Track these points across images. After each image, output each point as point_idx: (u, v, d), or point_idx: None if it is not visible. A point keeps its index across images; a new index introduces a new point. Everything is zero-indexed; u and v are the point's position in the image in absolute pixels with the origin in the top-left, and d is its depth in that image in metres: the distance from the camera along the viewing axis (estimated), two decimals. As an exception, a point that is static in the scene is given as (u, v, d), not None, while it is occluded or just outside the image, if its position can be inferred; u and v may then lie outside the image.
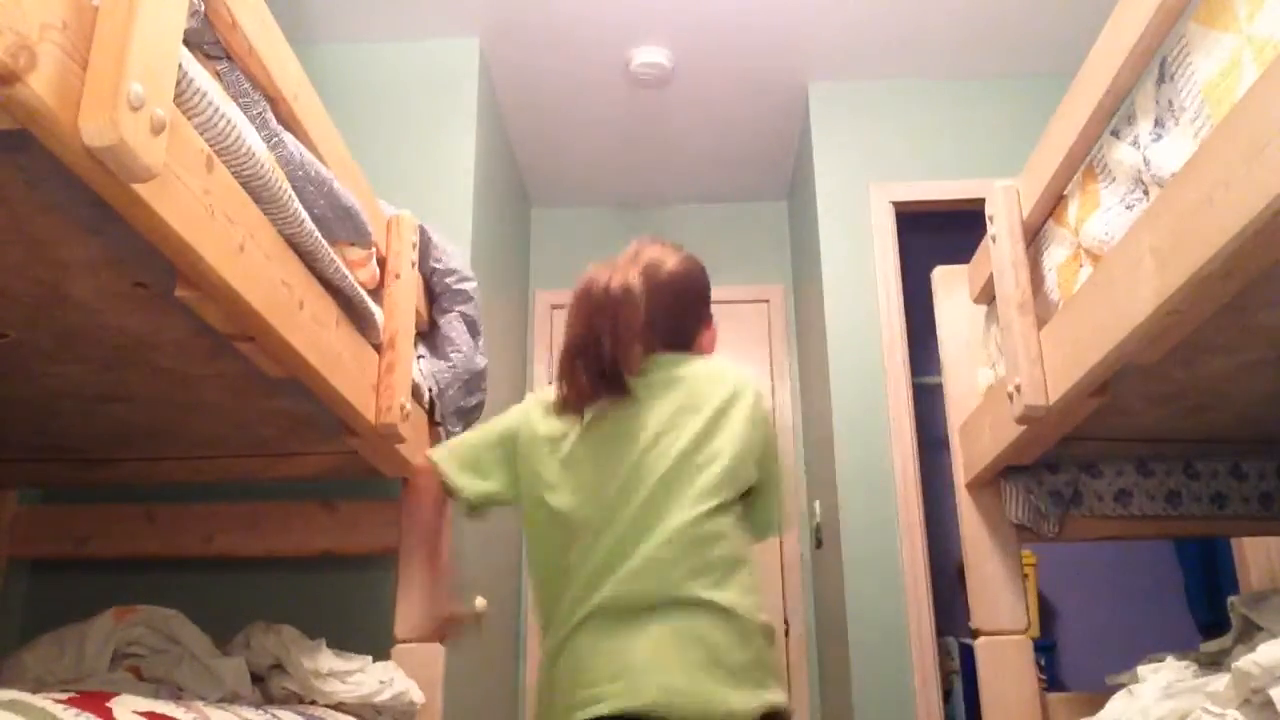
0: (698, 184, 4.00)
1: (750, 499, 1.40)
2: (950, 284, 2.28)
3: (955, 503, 2.19)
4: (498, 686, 3.19)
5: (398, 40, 3.11)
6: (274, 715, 1.54)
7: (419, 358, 2.02)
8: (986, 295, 2.03)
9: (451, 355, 2.10)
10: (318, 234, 1.44)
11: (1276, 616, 1.59)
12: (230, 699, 1.65)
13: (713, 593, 1.22)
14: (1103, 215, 1.49)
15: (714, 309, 1.57)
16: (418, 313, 1.99)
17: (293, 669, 1.78)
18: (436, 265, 2.09)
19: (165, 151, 0.96)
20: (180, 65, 1.03)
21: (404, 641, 2.09)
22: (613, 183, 4.00)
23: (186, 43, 1.08)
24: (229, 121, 1.15)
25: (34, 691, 1.11)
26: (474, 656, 2.81)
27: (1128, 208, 1.42)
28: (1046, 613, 3.84)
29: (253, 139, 1.23)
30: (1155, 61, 1.33)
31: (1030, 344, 1.69)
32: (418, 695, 1.96)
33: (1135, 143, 1.39)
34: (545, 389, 1.45)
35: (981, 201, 1.89)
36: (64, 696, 1.10)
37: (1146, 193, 1.36)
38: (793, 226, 3.94)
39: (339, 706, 1.81)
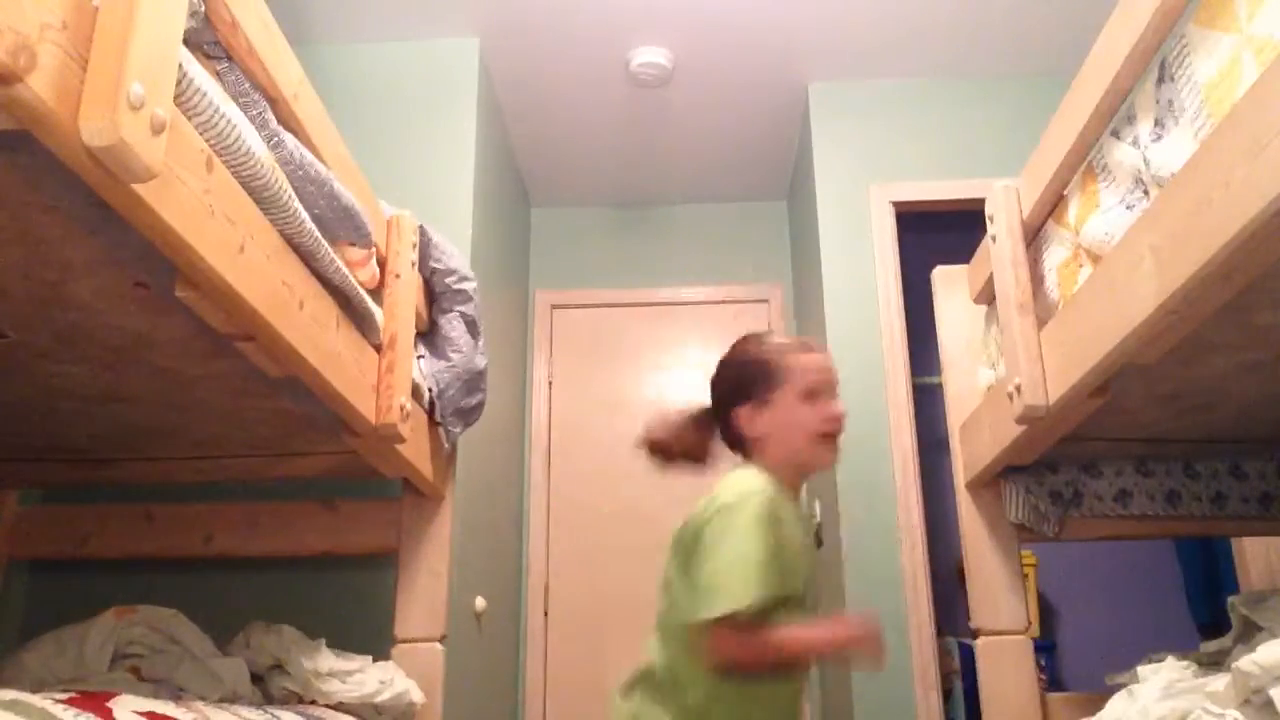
0: (698, 184, 4.00)
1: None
2: (950, 284, 2.28)
3: (955, 503, 2.19)
4: (498, 686, 3.19)
5: (398, 40, 3.11)
6: (274, 715, 1.54)
7: (419, 358, 2.02)
8: (986, 295, 2.03)
9: (451, 355, 2.10)
10: (318, 234, 1.44)
11: (1276, 616, 1.59)
12: (230, 699, 1.65)
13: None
14: (1103, 215, 1.49)
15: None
16: (418, 313, 1.99)
17: (293, 669, 1.78)
18: (436, 265, 2.09)
19: (165, 151, 0.96)
20: (180, 65, 1.03)
21: (404, 641, 2.09)
22: (613, 183, 4.00)
23: (186, 43, 1.08)
24: (229, 121, 1.15)
25: (34, 691, 1.11)
26: (474, 656, 2.81)
27: (1128, 208, 1.42)
28: (1046, 613, 3.84)
29: (253, 139, 1.23)
30: (1155, 61, 1.33)
31: (1030, 344, 1.69)
32: (418, 695, 1.96)
33: (1135, 143, 1.39)
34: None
35: (981, 201, 1.90)
36: (64, 696, 1.10)
37: (1146, 193, 1.36)
38: (793, 226, 3.94)
39: (339, 706, 1.81)
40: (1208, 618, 3.56)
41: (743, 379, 1.49)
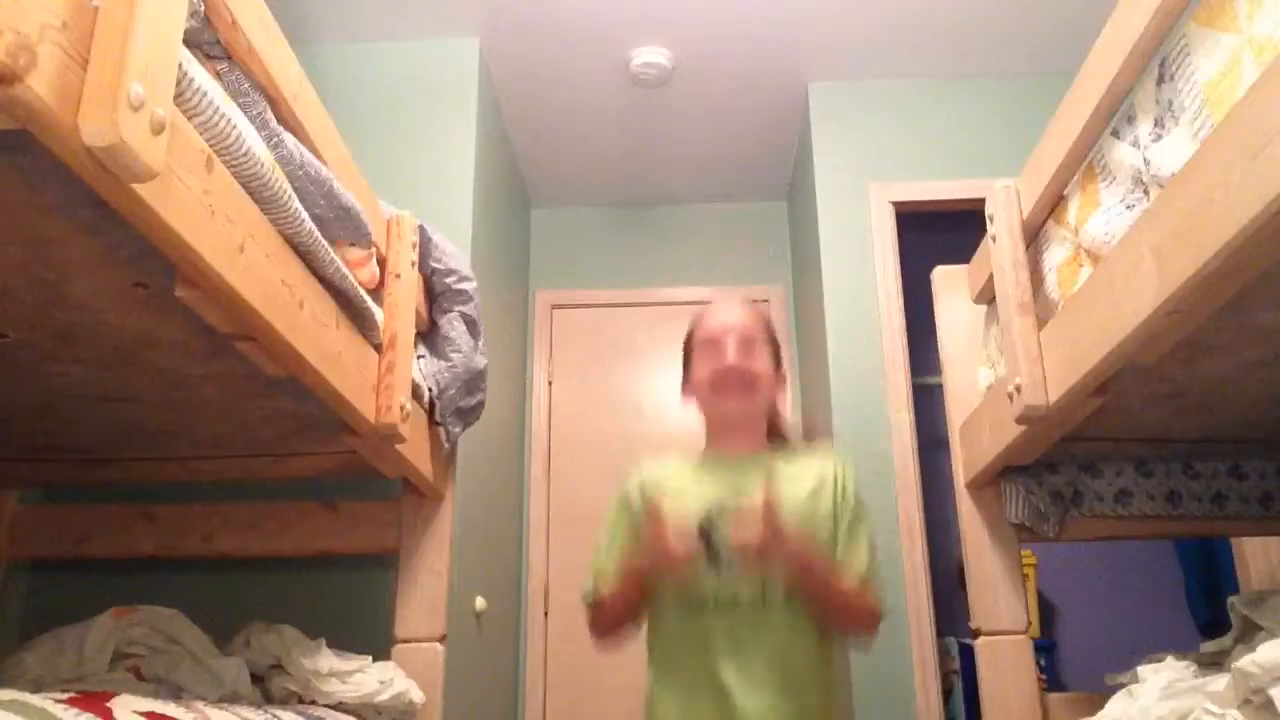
0: (698, 184, 4.00)
1: None
2: (950, 284, 2.28)
3: (955, 503, 2.19)
4: (498, 686, 3.19)
5: (398, 40, 3.11)
6: (274, 715, 1.54)
7: (419, 358, 2.02)
8: (986, 295, 2.03)
9: (451, 355, 2.09)
10: (318, 234, 1.44)
11: (1276, 616, 1.59)
12: (230, 699, 1.65)
13: None
14: (1103, 215, 1.49)
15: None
16: (418, 313, 1.99)
17: (293, 669, 1.78)
18: (436, 265, 2.08)
19: (165, 151, 0.96)
20: (180, 65, 1.03)
21: (404, 641, 2.09)
22: (613, 183, 4.00)
23: (186, 43, 1.08)
24: (229, 121, 1.15)
25: (34, 691, 1.11)
26: (474, 656, 2.81)
27: (1128, 208, 1.42)
28: (1046, 613, 3.84)
29: (253, 139, 1.23)
30: (1155, 61, 1.33)
31: (1030, 344, 1.69)
32: (418, 695, 1.96)
33: (1135, 143, 1.39)
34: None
35: (981, 201, 1.89)
36: (64, 696, 1.10)
37: (1146, 193, 1.36)
38: (793, 226, 3.94)
39: (339, 706, 1.81)
40: (1208, 618, 3.56)
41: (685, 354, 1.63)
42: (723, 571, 1.36)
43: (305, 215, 1.38)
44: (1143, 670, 1.67)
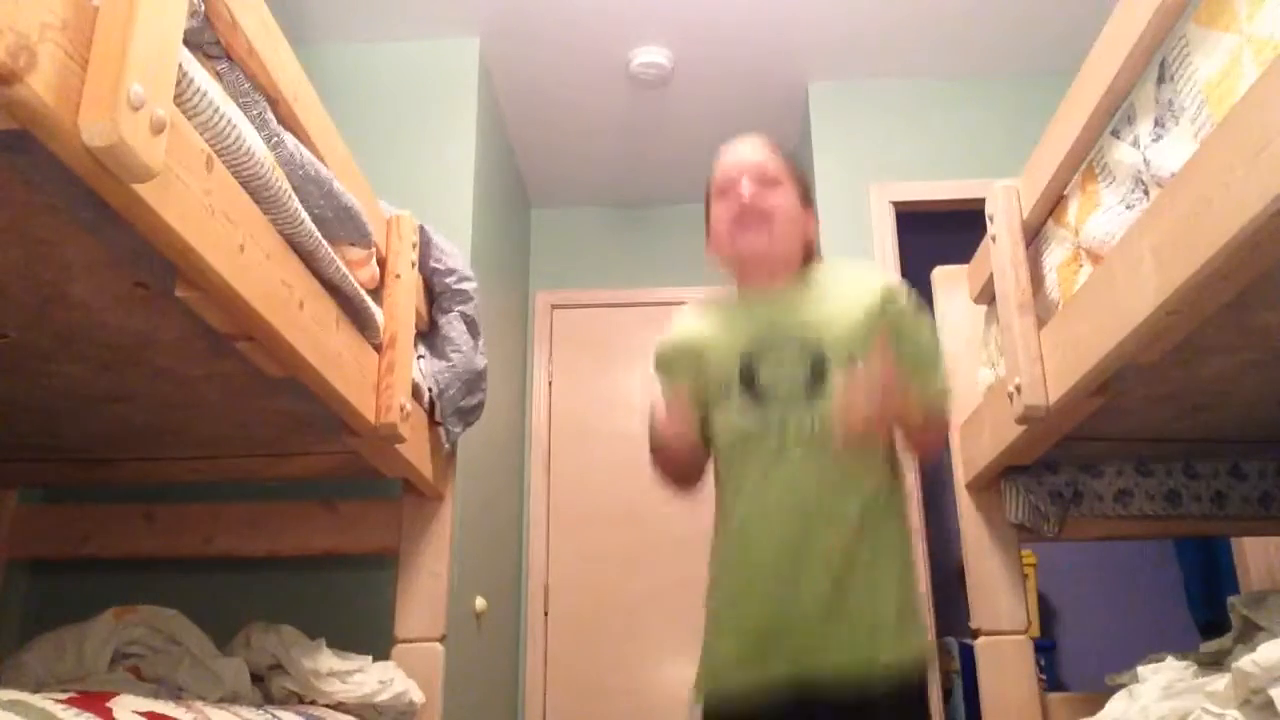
0: (698, 184, 3.98)
1: None
2: (950, 284, 2.28)
3: (955, 503, 2.19)
4: (498, 686, 3.19)
5: (398, 40, 3.11)
6: (274, 715, 1.54)
7: (419, 358, 2.02)
8: (986, 295, 2.03)
9: (451, 355, 2.10)
10: (318, 234, 1.44)
11: (1276, 616, 1.59)
12: (230, 699, 1.65)
13: None
14: (1103, 215, 1.49)
15: None
16: (418, 313, 1.99)
17: (293, 669, 1.78)
18: (436, 265, 2.08)
19: (165, 151, 0.96)
20: (180, 65, 1.03)
21: (404, 641, 2.09)
22: (613, 183, 4.00)
23: (186, 43, 1.08)
24: (229, 121, 1.15)
25: (34, 691, 1.11)
26: (474, 656, 2.81)
27: (1128, 208, 1.42)
28: (1046, 613, 3.84)
29: (253, 139, 1.23)
30: (1155, 61, 1.33)
31: (1030, 344, 1.69)
32: (418, 695, 1.96)
33: (1135, 143, 1.39)
34: None
35: (981, 201, 1.90)
36: (64, 696, 1.10)
37: (1146, 193, 1.36)
38: (793, 226, 3.94)
39: (339, 706, 1.81)
40: (1208, 618, 3.56)
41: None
42: (766, 409, 1.37)
43: (305, 215, 1.38)
44: (1143, 670, 1.67)
